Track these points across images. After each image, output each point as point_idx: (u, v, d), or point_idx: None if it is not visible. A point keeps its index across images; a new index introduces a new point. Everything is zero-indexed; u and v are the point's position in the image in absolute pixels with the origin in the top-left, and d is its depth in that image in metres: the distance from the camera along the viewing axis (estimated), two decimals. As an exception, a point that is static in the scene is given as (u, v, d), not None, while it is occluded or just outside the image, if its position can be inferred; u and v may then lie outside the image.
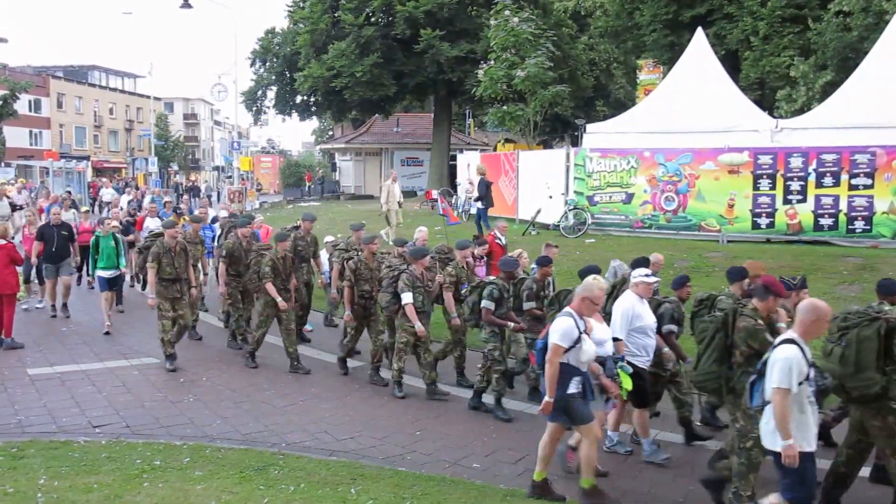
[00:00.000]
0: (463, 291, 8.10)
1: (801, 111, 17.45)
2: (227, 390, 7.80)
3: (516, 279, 7.68)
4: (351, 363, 9.00)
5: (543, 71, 20.63)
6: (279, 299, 8.42)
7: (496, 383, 7.21)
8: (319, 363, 9.06)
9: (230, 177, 36.59)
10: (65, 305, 11.04)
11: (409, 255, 7.97)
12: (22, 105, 43.83)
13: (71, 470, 5.36)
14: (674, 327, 6.42)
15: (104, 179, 38.47)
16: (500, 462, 6.11)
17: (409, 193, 33.87)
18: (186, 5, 29.14)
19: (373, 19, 28.55)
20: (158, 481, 5.20)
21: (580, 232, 15.66)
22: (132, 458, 5.70)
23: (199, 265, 10.29)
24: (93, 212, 20.76)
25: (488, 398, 7.43)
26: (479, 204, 16.85)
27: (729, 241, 14.09)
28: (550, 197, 16.79)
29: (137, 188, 29.89)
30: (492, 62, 21.47)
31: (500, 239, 10.37)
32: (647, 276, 6.16)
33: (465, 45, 26.81)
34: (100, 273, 10.24)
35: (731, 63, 19.73)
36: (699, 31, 17.35)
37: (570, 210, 16.13)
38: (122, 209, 15.42)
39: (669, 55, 22.46)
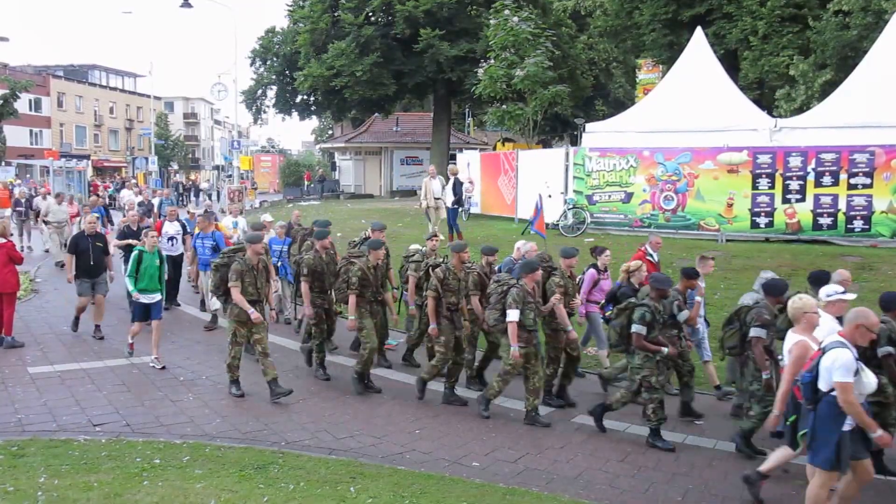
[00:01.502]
0: (607, 314, 7.49)
1: (801, 110, 17.47)
2: (227, 389, 7.81)
3: (668, 297, 6.92)
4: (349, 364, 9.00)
5: (543, 70, 20.63)
6: (353, 316, 7.68)
7: (654, 413, 6.50)
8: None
9: (230, 176, 36.57)
10: (98, 327, 9.82)
11: (520, 268, 7.28)
12: (22, 104, 43.85)
13: (71, 468, 5.38)
14: (891, 349, 5.90)
15: (134, 181, 37.49)
16: (499, 461, 6.12)
17: (408, 193, 33.94)
18: (186, 5, 29.12)
19: (372, 19, 28.58)
20: (158, 480, 5.21)
21: (579, 231, 15.68)
22: (132, 456, 5.72)
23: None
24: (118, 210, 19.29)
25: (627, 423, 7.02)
26: (449, 204, 16.32)
27: (728, 241, 14.12)
28: (550, 196, 16.79)
29: (137, 187, 29.84)
30: (492, 61, 21.48)
31: (651, 256, 9.08)
32: (842, 292, 5.74)
33: (464, 44, 26.83)
34: (138, 297, 8.54)
35: (731, 62, 19.74)
36: (698, 31, 17.38)
37: (569, 209, 16.16)
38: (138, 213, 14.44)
39: (669, 54, 22.47)
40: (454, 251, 7.66)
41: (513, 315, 6.80)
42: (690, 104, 15.61)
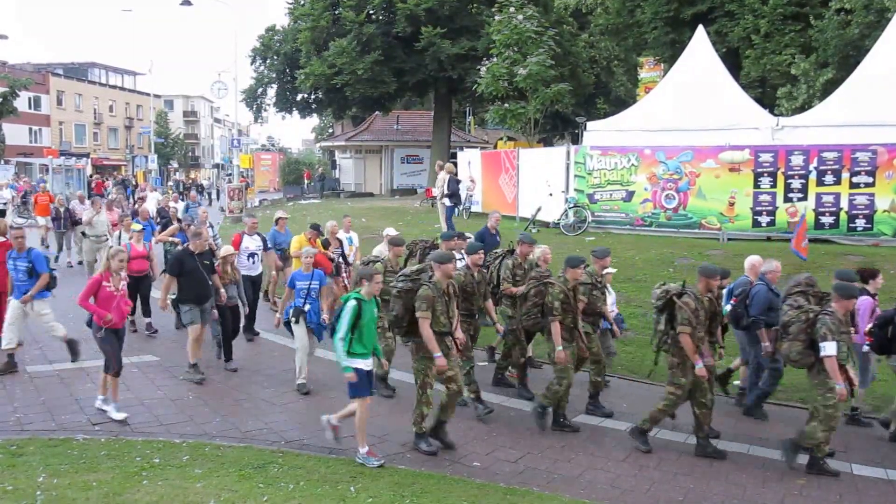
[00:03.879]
0: None
1: (802, 109, 17.41)
2: (227, 388, 7.79)
3: None
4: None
5: (545, 69, 20.64)
6: (559, 347, 6.65)
7: None
8: (321, 361, 9.02)
9: (230, 174, 36.53)
10: (195, 366, 8.03)
11: (835, 292, 6.09)
12: (22, 102, 43.83)
13: (70, 468, 5.36)
14: (832, 350, 5.77)
15: (172, 186, 35.61)
16: (500, 460, 6.09)
17: (408, 191, 33.91)
18: (186, 2, 29.06)
19: (373, 17, 28.57)
20: (158, 479, 5.19)
21: (580, 230, 15.66)
22: (131, 455, 5.70)
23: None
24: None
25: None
26: (447, 202, 16.23)
27: (729, 239, 14.10)
28: (551, 195, 16.79)
29: (139, 188, 29.71)
30: (494, 59, 21.47)
31: None
32: None
33: (465, 42, 26.83)
34: (354, 362, 5.82)
35: (732, 61, 19.67)
36: (700, 29, 17.33)
37: (570, 208, 16.13)
38: (212, 228, 11.43)
39: (670, 53, 22.41)
40: (704, 276, 6.42)
41: (830, 348, 5.83)
42: (692, 102, 15.56)
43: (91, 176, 37.87)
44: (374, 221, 19.47)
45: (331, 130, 54.77)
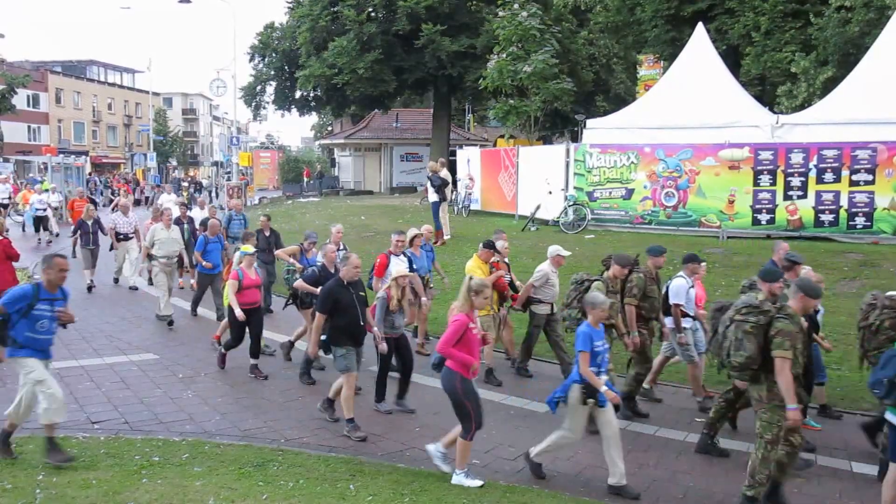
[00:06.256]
0: None
1: (802, 107, 17.39)
2: (226, 386, 7.78)
3: None
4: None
5: (549, 67, 20.68)
6: None
7: None
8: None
9: (229, 172, 36.52)
10: (351, 422, 6.45)
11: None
12: (20, 100, 43.74)
13: (69, 466, 5.35)
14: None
15: (184, 185, 34.41)
16: (499, 458, 6.10)
17: (408, 189, 33.90)
18: (185, 0, 29.05)
19: (373, 15, 28.55)
20: (157, 477, 5.18)
21: (580, 228, 15.66)
22: (131, 454, 5.70)
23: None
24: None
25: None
26: (435, 197, 16.12)
27: (729, 237, 14.10)
28: (550, 192, 16.79)
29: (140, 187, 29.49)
30: (503, 55, 21.52)
31: None
32: None
33: (465, 40, 26.82)
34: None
35: (732, 58, 19.66)
36: (700, 27, 17.31)
37: (569, 206, 16.13)
38: (346, 250, 8.68)
39: (670, 50, 22.37)
40: None
41: None
42: (692, 100, 15.55)
43: (89, 174, 37.86)
44: (373, 220, 19.47)
45: (330, 128, 54.70)
